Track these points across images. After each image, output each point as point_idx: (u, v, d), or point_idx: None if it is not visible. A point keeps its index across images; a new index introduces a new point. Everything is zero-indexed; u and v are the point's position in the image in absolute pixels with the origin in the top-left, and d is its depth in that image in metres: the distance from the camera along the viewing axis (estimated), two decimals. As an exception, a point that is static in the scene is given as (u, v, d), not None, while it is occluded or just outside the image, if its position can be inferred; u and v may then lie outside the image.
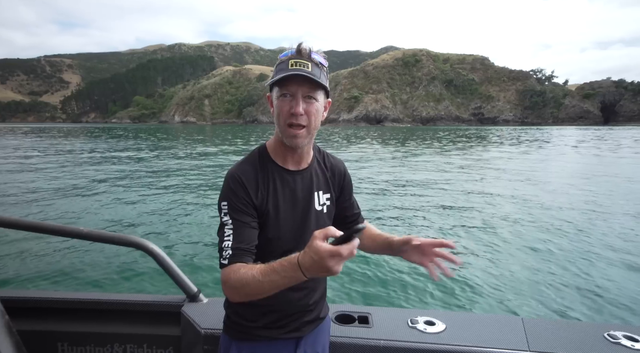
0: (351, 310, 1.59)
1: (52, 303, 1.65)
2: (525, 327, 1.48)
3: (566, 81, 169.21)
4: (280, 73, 1.01)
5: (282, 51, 1.06)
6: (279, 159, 1.12)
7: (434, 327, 1.47)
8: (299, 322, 1.19)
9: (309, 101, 1.03)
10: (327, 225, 1.08)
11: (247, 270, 0.95)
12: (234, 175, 1.07)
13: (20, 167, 16.62)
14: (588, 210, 8.56)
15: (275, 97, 1.04)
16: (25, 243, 6.17)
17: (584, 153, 23.53)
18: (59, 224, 1.55)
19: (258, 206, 1.06)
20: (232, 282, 0.96)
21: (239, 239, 1.01)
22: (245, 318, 1.15)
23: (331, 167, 1.23)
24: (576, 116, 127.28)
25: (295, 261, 0.86)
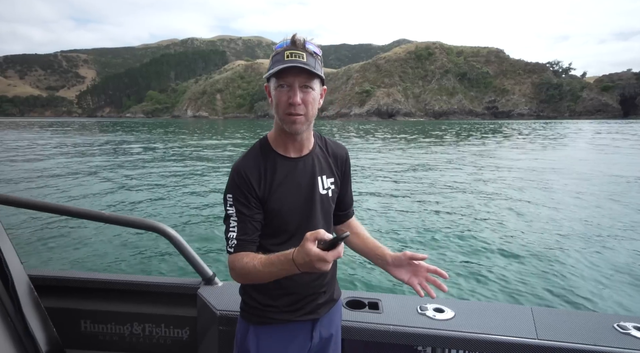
0: (362, 296, 1.63)
1: (76, 283, 1.74)
2: (534, 316, 1.49)
3: (584, 73, 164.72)
4: (276, 64, 1.04)
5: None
6: (280, 147, 1.16)
7: (442, 314, 1.49)
8: (314, 304, 1.22)
9: (306, 90, 1.06)
10: (330, 208, 1.23)
11: (249, 260, 1.05)
12: (238, 170, 1.12)
13: (43, 157, 17.18)
14: (600, 203, 8.47)
15: (273, 88, 1.08)
16: (52, 226, 6.53)
17: (601, 147, 23.06)
18: (83, 208, 1.63)
19: (262, 196, 1.12)
20: (237, 269, 1.07)
21: (243, 231, 1.10)
22: (261, 303, 1.19)
23: (333, 152, 1.26)
24: (594, 109, 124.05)
25: (291, 257, 0.94)
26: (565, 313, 1.53)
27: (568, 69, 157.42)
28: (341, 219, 1.36)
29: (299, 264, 0.93)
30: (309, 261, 0.90)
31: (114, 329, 1.70)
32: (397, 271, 1.24)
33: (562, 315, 1.51)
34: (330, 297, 1.28)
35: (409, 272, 1.23)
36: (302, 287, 1.19)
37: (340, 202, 1.31)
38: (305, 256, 0.90)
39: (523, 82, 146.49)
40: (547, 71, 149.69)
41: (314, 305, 1.22)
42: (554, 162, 16.08)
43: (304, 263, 0.91)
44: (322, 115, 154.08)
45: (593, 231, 6.50)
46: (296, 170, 1.16)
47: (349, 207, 1.36)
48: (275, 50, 1.08)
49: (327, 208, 1.22)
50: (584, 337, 1.34)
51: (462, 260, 5.26)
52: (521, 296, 4.28)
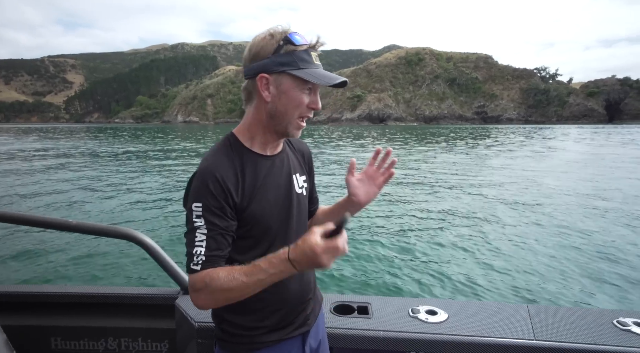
0: (350, 300, 1.56)
1: (43, 298, 1.62)
2: (530, 314, 1.44)
3: (570, 79, 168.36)
4: (306, 64, 0.94)
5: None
6: (256, 146, 1.04)
7: (436, 317, 1.43)
8: (303, 315, 1.13)
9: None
10: (306, 208, 1.15)
11: (226, 273, 0.88)
12: (211, 173, 0.94)
13: (10, 163, 16.61)
14: (593, 200, 8.37)
15: (293, 86, 0.96)
16: (12, 237, 6.03)
17: (589, 148, 23.29)
18: (47, 216, 1.52)
19: (240, 203, 0.97)
20: (210, 288, 0.88)
21: (215, 245, 0.93)
22: (246, 327, 1.05)
23: (298, 148, 1.20)
24: (580, 114, 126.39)
25: (285, 257, 0.84)
26: (562, 310, 1.50)
27: (555, 74, 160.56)
28: (311, 215, 1.28)
29: (297, 262, 0.83)
30: (312, 255, 0.81)
31: (87, 345, 1.59)
32: (359, 196, 1.12)
33: (559, 312, 1.47)
34: (316, 303, 1.20)
35: (370, 184, 1.14)
36: (290, 299, 1.07)
37: (310, 201, 1.23)
38: (309, 250, 0.81)
39: (511, 88, 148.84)
40: (535, 77, 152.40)
41: (303, 317, 1.12)
42: (547, 163, 16.10)
43: (305, 259, 0.82)
44: (314, 120, 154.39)
45: (587, 226, 6.35)
46: (274, 169, 1.06)
47: (317, 203, 1.29)
48: (295, 44, 0.94)
49: (303, 209, 1.14)
50: (583, 336, 1.30)
51: (454, 259, 5.04)
52: (516, 294, 4.09)
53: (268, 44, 0.95)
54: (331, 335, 1.35)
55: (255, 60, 0.96)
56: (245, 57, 0.99)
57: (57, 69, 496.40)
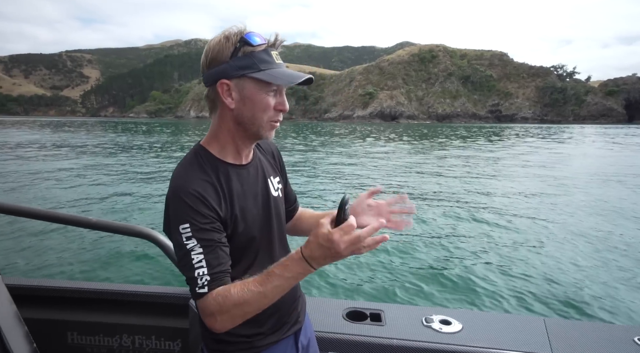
0: (363, 307, 1.54)
1: (62, 292, 1.66)
2: (547, 328, 1.40)
3: (589, 78, 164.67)
4: (267, 65, 0.90)
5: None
6: (229, 156, 0.99)
7: (450, 327, 1.40)
8: (295, 313, 1.12)
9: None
10: (283, 210, 1.12)
11: (238, 289, 0.84)
12: (188, 190, 0.88)
13: (32, 158, 16.97)
14: (615, 209, 8.16)
15: (257, 90, 0.91)
16: (34, 232, 6.19)
17: (611, 151, 22.71)
18: (68, 213, 1.56)
19: (223, 216, 0.92)
20: (224, 307, 0.83)
21: (216, 261, 0.87)
22: (247, 335, 1.01)
23: (266, 148, 1.15)
24: (598, 114, 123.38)
25: (300, 255, 0.82)
26: (581, 325, 1.45)
27: (572, 73, 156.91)
28: (291, 215, 1.25)
29: (314, 259, 0.80)
30: (331, 244, 0.77)
31: (102, 341, 1.62)
32: (360, 219, 1.09)
33: (577, 327, 1.42)
34: (302, 298, 1.18)
35: (374, 215, 1.11)
36: (285, 301, 1.01)
37: (286, 199, 1.19)
38: (326, 241, 0.78)
39: (527, 86, 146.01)
40: (551, 75, 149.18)
41: (295, 315, 1.12)
42: (567, 167, 15.75)
43: (323, 253, 0.79)
44: (325, 117, 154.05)
45: (609, 237, 6.18)
46: (250, 177, 1.02)
47: (295, 200, 1.26)
48: (253, 45, 0.89)
49: (281, 211, 1.11)
50: (601, 351, 1.27)
51: (469, 267, 4.97)
52: (532, 306, 4.01)
53: (224, 48, 0.90)
54: (343, 341, 1.34)
55: (212, 66, 0.91)
56: (202, 63, 0.93)
57: (74, 64, 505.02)
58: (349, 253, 0.78)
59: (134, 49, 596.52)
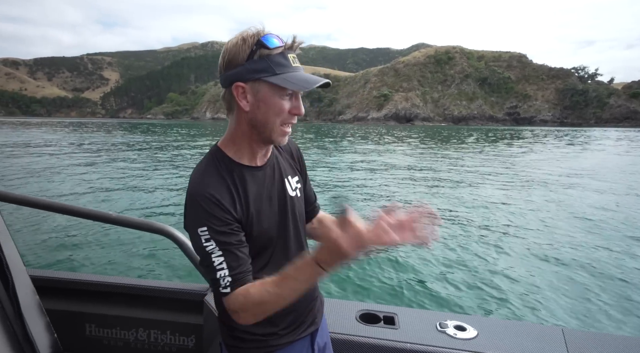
0: (376, 310, 1.53)
1: (82, 285, 1.69)
2: (565, 338, 1.37)
3: (612, 79, 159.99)
4: (282, 69, 0.89)
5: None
6: (244, 158, 1.00)
7: (464, 333, 1.38)
8: (311, 314, 1.12)
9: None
10: (302, 210, 1.11)
11: (257, 289, 0.88)
12: (204, 195, 0.90)
13: (57, 156, 17.45)
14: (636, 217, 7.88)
15: (271, 93, 0.91)
16: (56, 226, 6.39)
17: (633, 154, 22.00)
18: (90, 208, 1.58)
19: (239, 217, 0.93)
20: (244, 306, 0.88)
21: (236, 262, 0.90)
22: (261, 334, 1.03)
23: (286, 149, 1.15)
24: (622, 117, 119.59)
25: (311, 259, 0.83)
26: (601, 336, 1.40)
27: (594, 74, 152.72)
28: (310, 216, 1.24)
29: (325, 262, 0.81)
30: (338, 247, 0.78)
31: (119, 334, 1.66)
32: None
33: (597, 338, 1.38)
34: (320, 301, 1.18)
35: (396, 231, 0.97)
36: (300, 300, 1.01)
37: (305, 199, 1.19)
38: (333, 244, 0.79)
39: (546, 88, 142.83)
40: (572, 77, 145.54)
41: (312, 316, 1.12)
42: (590, 171, 15.33)
43: (331, 255, 0.80)
44: (339, 119, 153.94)
45: (632, 246, 5.97)
46: (266, 178, 1.02)
47: (314, 201, 1.25)
48: (269, 48, 0.88)
49: (299, 211, 1.10)
50: None
51: (485, 273, 4.87)
52: (550, 315, 3.89)
53: (240, 50, 0.89)
54: (356, 343, 1.34)
55: (229, 68, 0.91)
56: (219, 64, 0.94)
57: (94, 66, 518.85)
58: (355, 252, 0.78)
59: (152, 52, 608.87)
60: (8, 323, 1.20)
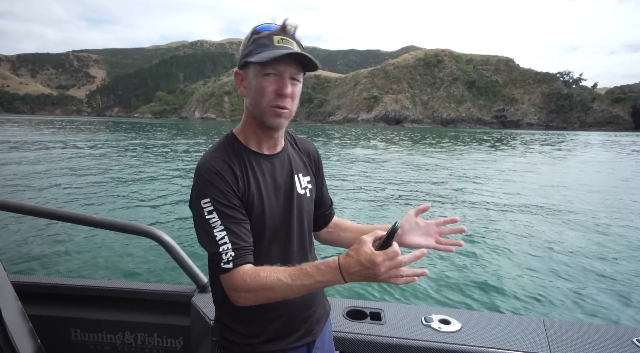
0: (363, 306, 1.55)
1: (65, 290, 1.66)
2: (546, 328, 1.41)
3: (595, 85, 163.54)
4: (263, 49, 0.90)
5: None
6: (252, 144, 1.02)
7: (449, 326, 1.41)
8: (308, 323, 1.06)
9: (294, 83, 0.94)
10: (309, 210, 1.08)
11: (268, 273, 0.86)
12: (208, 168, 0.93)
13: (38, 157, 17.08)
14: (616, 211, 8.10)
15: (255, 75, 0.92)
16: (38, 230, 6.22)
17: (614, 156, 22.57)
18: (71, 211, 1.55)
19: (240, 196, 0.95)
20: (250, 286, 0.86)
21: (238, 237, 0.90)
22: (246, 335, 1.01)
23: (304, 148, 1.15)
24: (605, 121, 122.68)
25: (336, 265, 0.81)
26: (580, 325, 1.46)
27: (579, 79, 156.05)
28: (326, 219, 1.23)
29: (349, 273, 0.79)
30: (371, 266, 0.77)
31: (105, 338, 1.63)
32: (409, 238, 1.07)
33: (576, 327, 1.43)
34: (323, 313, 1.14)
35: (422, 235, 1.07)
36: (292, 306, 1.00)
37: (320, 202, 1.19)
38: (368, 261, 0.77)
39: (532, 92, 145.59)
40: (558, 81, 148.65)
41: (307, 326, 1.06)
42: (568, 171, 15.68)
43: (361, 270, 0.78)
44: (329, 120, 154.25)
45: (609, 239, 6.14)
46: (273, 168, 1.02)
47: (330, 205, 1.23)
48: (258, 31, 0.93)
49: (305, 210, 1.08)
50: (600, 352, 1.27)
51: (468, 267, 4.94)
52: (531, 306, 3.99)
53: (245, 41, 0.96)
54: (343, 340, 1.35)
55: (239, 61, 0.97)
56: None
57: (80, 64, 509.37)
58: (386, 279, 0.77)
59: (140, 50, 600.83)
60: None
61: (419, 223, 1.07)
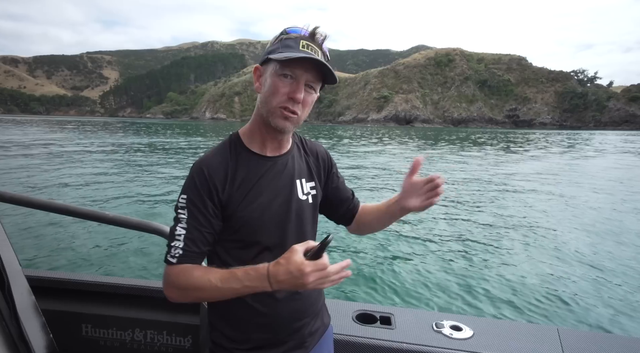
0: (373, 310, 1.53)
1: (78, 285, 1.68)
2: (561, 337, 1.37)
3: (610, 83, 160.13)
4: (288, 50, 0.90)
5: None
6: (255, 145, 1.01)
7: (460, 333, 1.38)
8: (299, 334, 1.03)
9: (309, 91, 0.94)
10: (310, 217, 1.07)
11: (202, 274, 0.87)
12: (199, 167, 0.95)
13: (54, 155, 17.40)
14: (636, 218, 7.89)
15: (272, 73, 0.93)
16: (53, 225, 6.35)
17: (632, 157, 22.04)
18: (87, 208, 1.58)
19: (226, 201, 0.94)
20: (182, 283, 0.88)
21: (192, 241, 0.91)
22: (231, 339, 1.00)
23: (311, 151, 1.13)
24: (621, 120, 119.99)
25: (265, 272, 0.81)
26: (595, 336, 1.40)
27: (594, 78, 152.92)
28: (353, 213, 1.21)
29: (277, 281, 0.80)
30: (299, 276, 0.77)
31: (115, 335, 1.65)
32: (407, 202, 1.06)
33: (591, 338, 1.37)
34: (319, 324, 1.11)
35: (419, 196, 1.05)
36: (281, 315, 0.99)
37: (340, 199, 1.18)
38: (297, 270, 0.77)
39: (546, 91, 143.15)
40: (572, 80, 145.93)
41: (299, 337, 1.03)
42: (588, 175, 15.35)
43: (289, 278, 0.79)
44: (339, 120, 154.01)
45: (627, 249, 5.97)
46: (272, 171, 1.00)
47: (352, 199, 1.21)
48: (288, 33, 0.94)
49: (305, 216, 1.05)
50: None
51: (480, 273, 4.86)
52: (545, 314, 3.89)
53: (273, 40, 0.97)
54: (352, 343, 1.33)
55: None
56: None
57: (94, 65, 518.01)
58: (314, 287, 0.79)
59: (152, 51, 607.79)
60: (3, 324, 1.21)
61: (415, 184, 1.06)
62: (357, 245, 5.80)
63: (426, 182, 1.03)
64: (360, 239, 6.00)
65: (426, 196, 1.04)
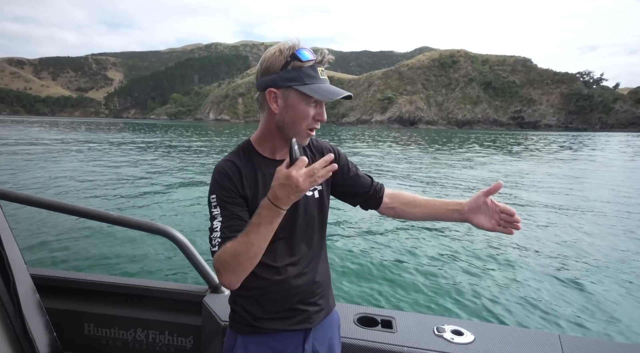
0: (374, 313, 1.54)
1: (81, 285, 1.70)
2: (562, 344, 1.36)
3: (617, 84, 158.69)
4: (312, 80, 1.01)
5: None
6: (267, 151, 1.13)
7: (461, 337, 1.38)
8: (306, 311, 1.15)
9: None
10: (317, 210, 1.17)
11: (230, 242, 0.96)
12: (219, 169, 1.07)
13: (55, 155, 17.51)
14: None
15: (299, 100, 1.03)
16: (58, 225, 6.39)
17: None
18: (91, 208, 1.59)
19: (246, 197, 1.07)
20: (223, 260, 0.96)
21: (229, 229, 1.01)
22: (250, 312, 1.13)
23: (318, 150, 1.22)
24: (628, 122, 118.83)
25: (267, 202, 0.92)
26: (596, 342, 1.40)
27: (600, 79, 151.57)
28: (376, 198, 1.27)
29: (279, 199, 0.90)
30: (291, 180, 0.88)
31: (117, 334, 1.66)
32: (476, 218, 1.13)
33: (593, 344, 1.37)
34: (325, 304, 1.21)
35: (489, 216, 1.12)
36: (293, 292, 1.12)
37: (355, 187, 1.25)
38: (285, 179, 0.88)
39: (551, 92, 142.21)
40: (577, 81, 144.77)
41: (305, 313, 1.15)
42: (593, 177, 15.22)
43: (285, 191, 0.89)
44: (343, 122, 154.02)
45: (631, 255, 5.88)
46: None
47: (369, 185, 1.27)
48: (301, 59, 1.01)
49: (313, 211, 1.16)
50: None
51: (482, 278, 4.81)
52: (546, 320, 3.85)
53: (277, 60, 1.02)
54: (353, 346, 1.34)
55: (265, 75, 1.04)
56: (257, 70, 1.07)
57: (99, 67, 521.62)
58: (308, 185, 0.89)
59: (156, 53, 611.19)
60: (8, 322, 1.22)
61: (487, 203, 1.12)
62: (358, 248, 5.77)
63: (503, 210, 1.09)
64: (361, 242, 5.96)
65: (497, 222, 1.10)
